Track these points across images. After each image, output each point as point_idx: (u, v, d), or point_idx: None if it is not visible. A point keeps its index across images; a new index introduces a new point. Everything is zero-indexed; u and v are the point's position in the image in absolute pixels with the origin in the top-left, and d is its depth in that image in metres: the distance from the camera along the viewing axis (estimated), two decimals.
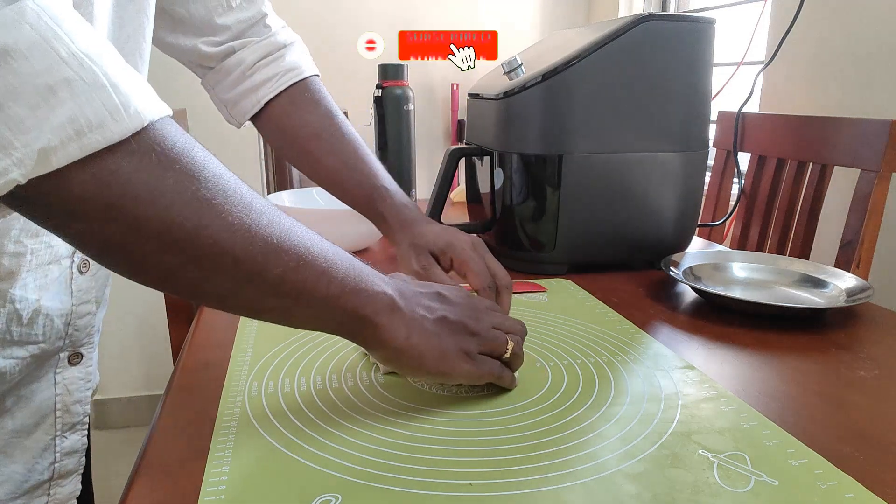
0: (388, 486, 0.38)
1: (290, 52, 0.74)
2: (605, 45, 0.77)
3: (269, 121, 0.74)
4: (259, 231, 0.36)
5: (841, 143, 1.05)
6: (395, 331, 0.43)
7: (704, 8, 1.77)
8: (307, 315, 0.41)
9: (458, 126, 2.03)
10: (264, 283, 0.37)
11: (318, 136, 0.72)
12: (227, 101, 0.74)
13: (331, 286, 0.40)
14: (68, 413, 0.57)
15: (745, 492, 0.38)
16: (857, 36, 1.20)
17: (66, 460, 0.58)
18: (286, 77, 0.72)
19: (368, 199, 0.69)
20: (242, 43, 0.72)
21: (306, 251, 0.39)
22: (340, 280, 0.40)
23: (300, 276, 0.38)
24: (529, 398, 0.49)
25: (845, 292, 0.70)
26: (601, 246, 0.83)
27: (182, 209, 0.33)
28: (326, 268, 0.40)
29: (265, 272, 0.37)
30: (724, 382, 0.52)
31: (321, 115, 0.73)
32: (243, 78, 0.72)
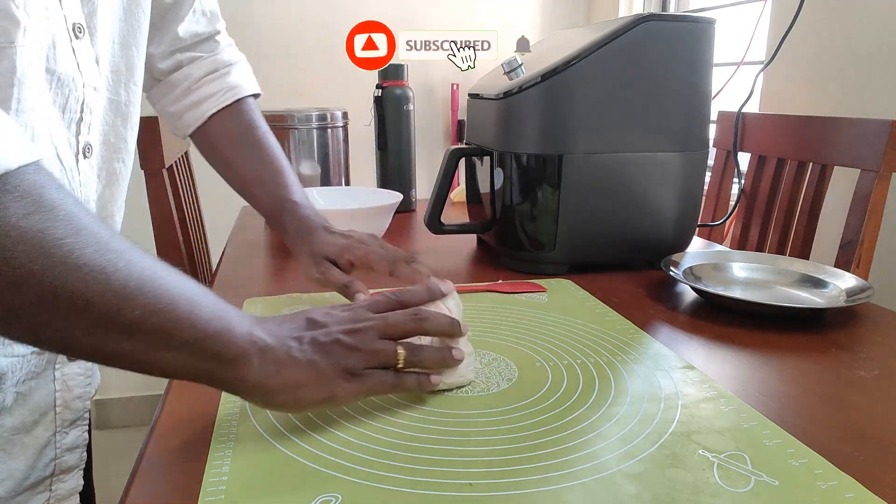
0: (388, 486, 0.38)
1: (234, 71, 0.77)
2: (605, 45, 0.77)
3: (204, 136, 0.76)
4: (115, 272, 0.35)
5: (841, 143, 1.05)
6: (264, 369, 0.40)
7: (704, 8, 1.77)
8: (167, 361, 0.38)
9: (458, 126, 2.03)
10: (120, 326, 0.35)
11: (237, 148, 0.75)
12: (172, 114, 0.76)
13: (193, 330, 0.38)
14: (68, 409, 0.57)
15: (745, 492, 0.38)
16: (857, 36, 1.20)
17: (66, 456, 0.58)
18: (230, 93, 0.75)
19: (276, 211, 0.71)
20: (190, 58, 0.75)
21: (167, 293, 0.37)
22: (204, 323, 0.38)
23: (160, 319, 0.36)
24: (529, 398, 0.49)
25: (845, 292, 0.70)
26: (601, 246, 0.83)
27: (27, 248, 0.32)
28: (189, 311, 0.38)
29: (121, 315, 0.35)
30: (724, 382, 0.52)
31: (244, 127, 0.75)
32: (188, 92, 0.75)
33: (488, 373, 0.54)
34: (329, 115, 1.22)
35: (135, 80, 0.61)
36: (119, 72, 0.59)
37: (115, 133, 0.59)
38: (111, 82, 0.58)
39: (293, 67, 1.92)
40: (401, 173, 1.24)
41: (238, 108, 0.76)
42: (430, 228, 0.89)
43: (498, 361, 0.56)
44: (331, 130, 1.23)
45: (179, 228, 1.17)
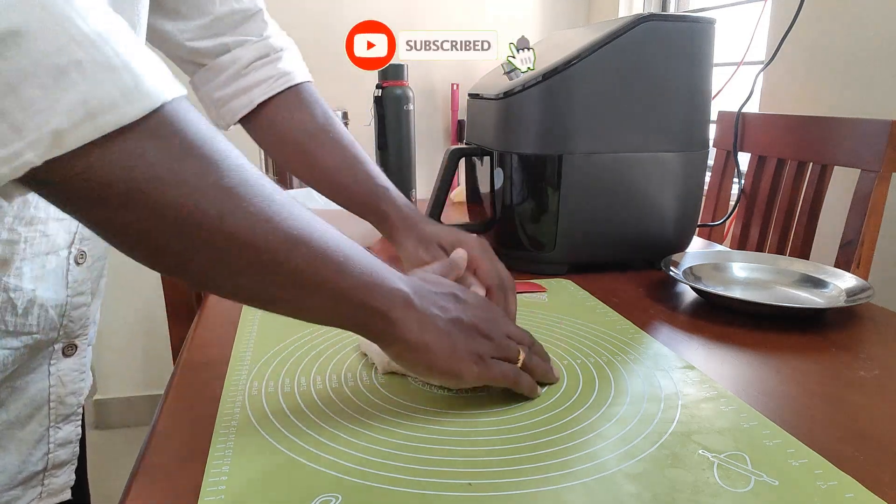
0: (388, 486, 0.38)
1: (286, 56, 0.74)
2: (605, 45, 0.77)
3: (262, 121, 0.73)
4: (280, 222, 0.36)
5: (841, 143, 1.05)
6: (407, 327, 0.43)
7: (704, 8, 1.77)
8: (321, 307, 0.41)
9: (458, 126, 2.03)
10: (283, 273, 0.37)
11: (315, 137, 0.71)
12: (218, 99, 0.73)
13: (347, 279, 0.40)
14: (62, 404, 0.57)
15: (745, 492, 0.38)
16: (857, 36, 1.20)
17: (59, 451, 0.58)
18: (282, 80, 0.72)
19: (370, 198, 0.69)
20: (238, 41, 0.71)
21: (325, 244, 0.39)
22: (357, 274, 0.40)
23: (318, 267, 0.39)
24: (529, 398, 0.49)
25: (845, 292, 0.70)
26: (601, 246, 0.83)
27: (205, 197, 0.33)
28: (344, 261, 0.40)
29: (285, 263, 0.37)
30: (724, 382, 0.52)
31: (318, 116, 0.72)
32: (237, 76, 0.71)
33: None
34: None
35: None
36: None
37: None
38: None
39: None
40: (401, 173, 1.24)
41: (299, 95, 0.73)
42: None
43: None
44: None
45: None
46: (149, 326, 1.98)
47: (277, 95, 0.72)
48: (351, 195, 0.71)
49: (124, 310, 1.96)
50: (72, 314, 0.57)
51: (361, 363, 0.55)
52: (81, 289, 0.57)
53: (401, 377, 0.53)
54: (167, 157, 0.32)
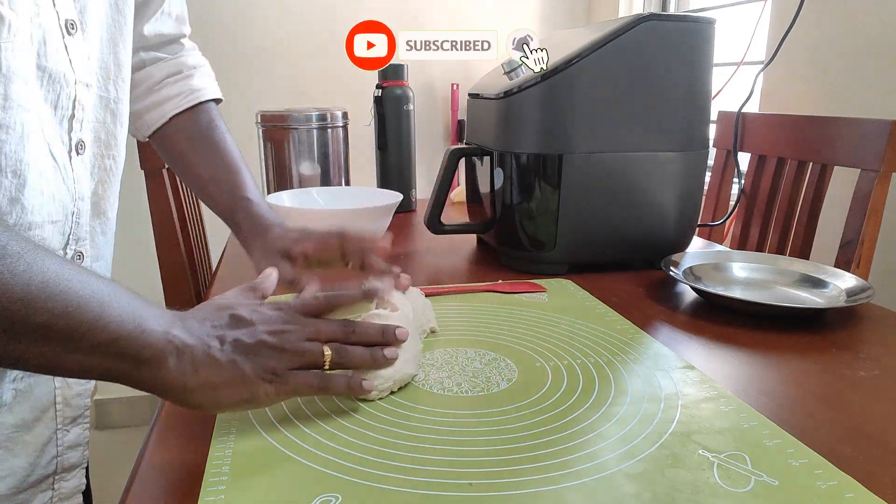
0: (388, 486, 0.38)
1: (197, 74, 0.77)
2: (605, 45, 0.77)
3: (163, 137, 0.75)
4: (13, 277, 0.34)
5: (841, 143, 1.05)
6: (180, 370, 0.40)
7: (704, 8, 1.77)
8: (80, 363, 0.38)
9: (458, 126, 2.03)
10: (26, 332, 0.35)
11: (193, 147, 0.74)
12: (133, 113, 0.74)
13: (105, 331, 0.37)
14: (69, 406, 0.57)
15: (745, 492, 0.38)
16: (857, 36, 1.20)
17: (69, 454, 0.58)
18: (192, 96, 0.75)
19: (229, 208, 0.71)
20: (154, 58, 0.74)
21: (75, 295, 0.36)
22: (116, 324, 0.38)
23: (68, 322, 0.36)
24: (529, 398, 0.49)
25: (845, 292, 0.70)
26: (601, 246, 0.83)
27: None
28: (100, 312, 0.37)
29: (26, 321, 0.35)
30: (724, 382, 0.52)
31: (203, 127, 0.75)
32: (150, 92, 0.74)
33: (488, 373, 0.54)
34: (329, 115, 1.22)
35: (123, 77, 0.61)
36: (108, 68, 0.59)
37: (105, 130, 0.59)
38: (101, 79, 0.58)
39: (293, 67, 1.92)
40: (401, 173, 1.24)
41: (198, 110, 0.76)
42: (430, 228, 0.89)
43: (498, 361, 0.56)
44: (331, 130, 1.23)
45: (179, 228, 1.17)
46: None
47: (185, 111, 0.75)
48: (216, 204, 0.72)
49: None
50: None
51: None
52: None
53: None
54: None
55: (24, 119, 0.46)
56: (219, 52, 1.82)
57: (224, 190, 0.71)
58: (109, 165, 0.60)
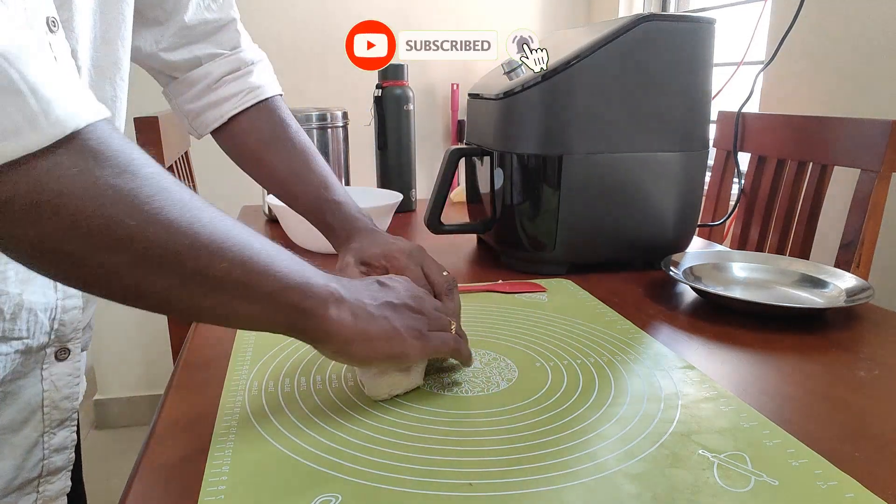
0: (388, 486, 0.38)
1: (256, 70, 0.75)
2: (605, 45, 0.77)
3: (230, 135, 0.74)
4: (202, 228, 0.36)
5: (841, 143, 1.05)
6: (342, 321, 0.43)
7: (704, 8, 1.77)
8: (251, 313, 0.40)
9: (458, 126, 2.03)
10: (208, 279, 0.37)
11: (269, 146, 0.73)
12: (190, 112, 0.74)
13: (275, 282, 0.40)
14: (57, 409, 0.57)
15: (745, 492, 0.38)
16: (857, 36, 1.20)
17: (55, 457, 0.57)
18: (251, 95, 0.73)
19: (319, 211, 0.70)
20: (210, 55, 0.73)
21: (249, 247, 0.39)
22: (284, 275, 0.41)
23: (244, 270, 0.38)
24: (529, 398, 0.49)
25: (845, 292, 0.70)
26: (601, 246, 0.83)
27: (122, 207, 0.33)
28: (270, 263, 0.40)
29: (209, 268, 0.37)
30: (724, 382, 0.52)
31: (274, 124, 0.74)
32: (208, 91, 0.73)
33: (488, 373, 0.54)
34: (329, 115, 1.22)
35: (121, 76, 0.60)
36: (103, 67, 0.58)
37: None
38: (94, 78, 0.57)
39: (293, 67, 1.92)
40: (401, 173, 1.24)
41: (266, 107, 0.74)
42: (430, 228, 0.89)
43: (498, 361, 0.56)
44: (331, 130, 1.23)
45: None
46: (149, 326, 1.98)
47: (248, 109, 0.73)
48: (300, 204, 0.72)
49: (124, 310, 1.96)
50: (63, 318, 0.56)
51: None
52: (72, 291, 0.56)
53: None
54: (81, 174, 0.32)
55: None
56: None
57: (310, 191, 0.71)
58: None
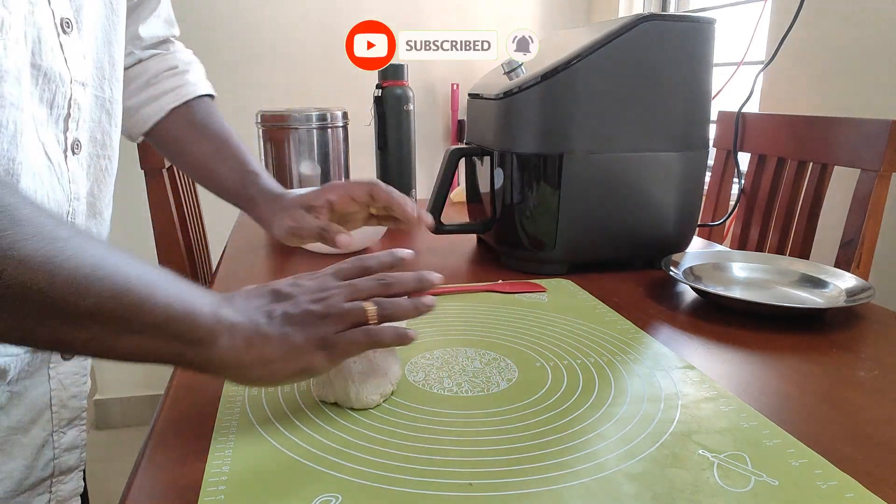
0: (388, 486, 0.38)
1: (192, 70, 0.78)
2: (605, 45, 0.77)
3: (162, 128, 0.76)
4: (64, 261, 0.34)
5: (841, 143, 1.05)
6: (234, 347, 0.40)
7: (704, 8, 1.77)
8: (132, 345, 0.38)
9: (458, 126, 2.03)
10: (76, 315, 0.35)
11: (192, 133, 0.74)
12: (129, 108, 0.74)
13: (155, 313, 0.37)
14: (65, 408, 0.57)
15: (745, 492, 0.38)
16: (857, 36, 1.20)
17: (65, 456, 0.57)
18: (189, 89, 0.76)
19: (240, 185, 0.71)
20: (150, 54, 0.75)
21: (123, 277, 0.36)
22: (166, 305, 0.38)
23: (118, 303, 0.36)
24: (529, 398, 0.49)
25: (845, 292, 0.70)
26: (601, 246, 0.83)
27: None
28: (149, 293, 0.37)
29: (75, 304, 0.34)
30: (724, 382, 0.52)
31: (201, 115, 0.76)
32: (147, 86, 0.75)
33: (488, 373, 0.54)
34: (329, 115, 1.22)
35: (117, 77, 0.61)
36: (103, 68, 0.59)
37: (101, 130, 0.59)
38: (96, 78, 0.58)
39: (293, 67, 1.92)
40: (401, 173, 1.24)
41: (194, 104, 0.76)
42: (429, 228, 0.88)
43: (498, 361, 0.56)
44: (331, 130, 1.23)
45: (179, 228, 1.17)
46: None
47: (182, 105, 0.75)
48: (223, 182, 0.72)
49: None
50: None
51: None
52: None
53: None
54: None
55: (17, 118, 0.46)
56: (219, 53, 1.83)
57: (231, 167, 0.72)
58: (105, 166, 0.60)
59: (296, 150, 1.21)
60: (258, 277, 0.83)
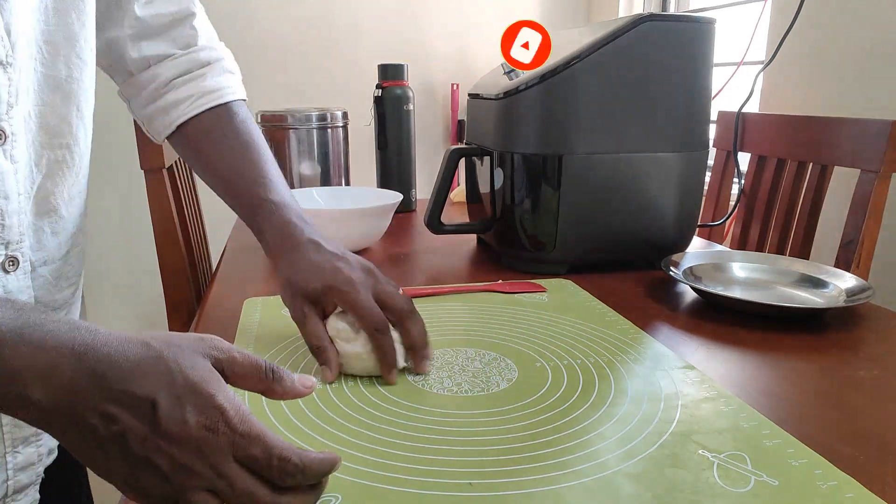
0: (388, 486, 0.38)
1: (211, 73, 0.67)
2: (605, 45, 0.77)
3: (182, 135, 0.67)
4: None
5: (841, 143, 1.05)
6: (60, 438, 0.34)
7: (704, 8, 1.77)
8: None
9: (458, 126, 2.03)
10: None
11: (214, 142, 0.65)
12: (142, 117, 0.68)
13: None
14: (17, 427, 0.52)
15: (745, 492, 0.38)
16: (857, 36, 1.20)
17: (20, 475, 0.53)
18: (204, 99, 0.66)
19: (251, 210, 0.62)
20: (159, 56, 0.66)
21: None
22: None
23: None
24: (529, 398, 0.49)
25: (845, 292, 0.70)
26: (601, 246, 0.83)
27: None
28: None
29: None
30: (724, 382, 0.52)
31: (224, 122, 0.66)
32: (156, 95, 0.66)
33: (488, 373, 0.54)
34: (329, 115, 1.22)
35: (77, 53, 0.52)
36: (55, 42, 0.50)
37: (56, 115, 0.51)
38: (46, 55, 0.49)
39: (293, 67, 1.92)
40: (401, 173, 1.24)
41: (222, 111, 0.67)
42: (430, 228, 0.89)
43: (498, 361, 0.56)
44: (331, 130, 1.23)
45: (179, 228, 1.17)
46: (149, 326, 1.98)
47: (203, 115, 0.66)
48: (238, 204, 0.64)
49: (124, 310, 1.97)
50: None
51: None
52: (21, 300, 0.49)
53: (400, 375, 0.53)
54: None
55: None
56: None
57: (246, 187, 0.62)
58: (63, 156, 0.52)
59: (296, 150, 1.21)
60: (258, 278, 0.83)
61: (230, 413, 0.33)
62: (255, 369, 0.37)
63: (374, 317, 0.52)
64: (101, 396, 0.32)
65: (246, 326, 0.64)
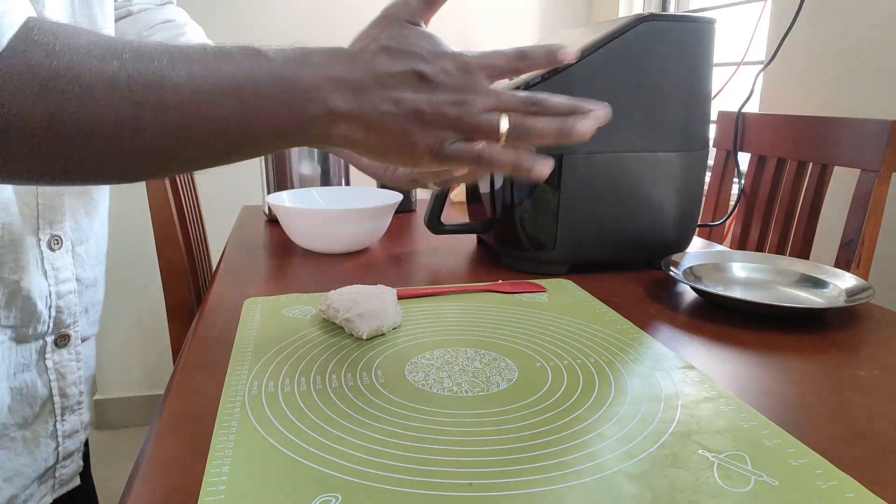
0: (388, 486, 0.38)
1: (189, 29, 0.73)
2: (605, 45, 0.77)
3: None
4: (191, 80, 0.37)
5: (841, 143, 1.05)
6: (351, 135, 0.41)
7: (704, 8, 1.77)
8: (259, 145, 0.40)
9: None
10: (209, 126, 0.38)
11: None
12: None
13: (267, 124, 0.39)
14: (65, 397, 0.57)
15: (745, 492, 0.38)
16: (857, 36, 1.20)
17: (67, 442, 0.58)
18: (185, 40, 0.71)
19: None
20: (142, 8, 0.71)
21: (238, 81, 0.38)
22: (267, 115, 0.39)
23: (242, 118, 0.38)
24: (529, 398, 0.49)
25: (845, 292, 0.70)
26: (601, 246, 0.83)
27: (137, 86, 0.35)
28: (255, 108, 0.39)
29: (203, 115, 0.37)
30: (724, 382, 0.52)
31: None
32: (140, 38, 0.69)
33: (488, 373, 0.54)
34: None
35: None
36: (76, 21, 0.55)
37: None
38: None
39: None
40: None
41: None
42: (430, 228, 0.89)
43: (498, 361, 0.56)
44: None
45: (179, 228, 1.17)
46: (149, 326, 1.98)
47: None
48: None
49: (124, 310, 1.96)
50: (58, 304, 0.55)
51: (362, 363, 0.55)
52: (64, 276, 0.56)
53: (395, 371, 0.53)
54: (37, 74, 0.33)
55: None
56: None
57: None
58: None
59: (296, 150, 1.20)
60: (258, 278, 0.83)
61: (465, 56, 0.43)
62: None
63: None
64: (382, 88, 0.40)
65: (246, 326, 0.64)
